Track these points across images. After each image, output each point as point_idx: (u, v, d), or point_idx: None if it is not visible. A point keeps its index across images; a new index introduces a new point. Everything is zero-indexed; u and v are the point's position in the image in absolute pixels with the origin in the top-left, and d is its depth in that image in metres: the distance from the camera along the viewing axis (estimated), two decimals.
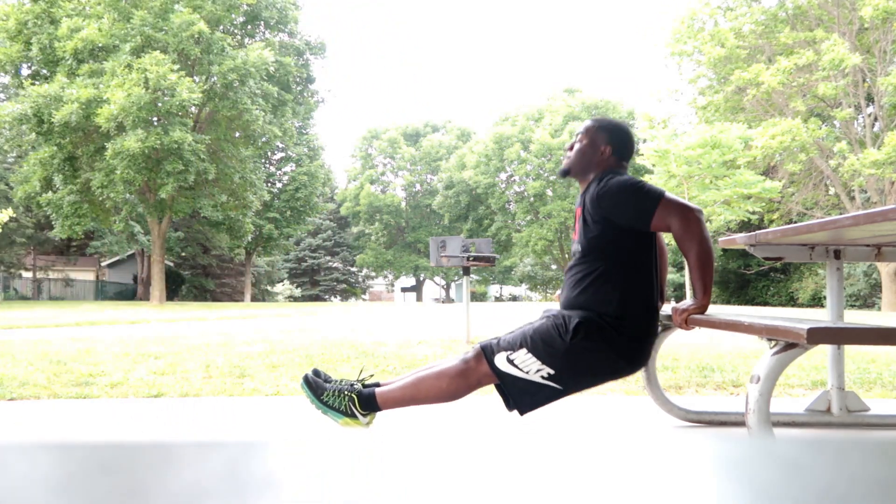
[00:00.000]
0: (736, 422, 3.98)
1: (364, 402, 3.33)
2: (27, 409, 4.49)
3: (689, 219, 3.12)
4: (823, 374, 5.54)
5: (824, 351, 4.24)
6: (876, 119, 34.11)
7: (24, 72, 34.96)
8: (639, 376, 5.06)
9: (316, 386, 3.41)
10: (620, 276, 3.25)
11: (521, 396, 3.22)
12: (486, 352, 3.25)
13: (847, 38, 32.55)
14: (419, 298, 67.42)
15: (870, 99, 33.91)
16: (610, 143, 3.44)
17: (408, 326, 11.98)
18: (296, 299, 63.36)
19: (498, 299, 68.00)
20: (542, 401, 3.24)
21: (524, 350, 3.19)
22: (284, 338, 9.10)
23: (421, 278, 68.45)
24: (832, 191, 35.91)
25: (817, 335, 2.42)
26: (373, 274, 71.78)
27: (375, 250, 64.25)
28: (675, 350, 7.20)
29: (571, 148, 3.50)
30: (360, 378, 3.45)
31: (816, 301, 40.74)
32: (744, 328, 2.79)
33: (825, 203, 35.98)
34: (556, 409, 4.21)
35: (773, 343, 2.62)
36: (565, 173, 3.52)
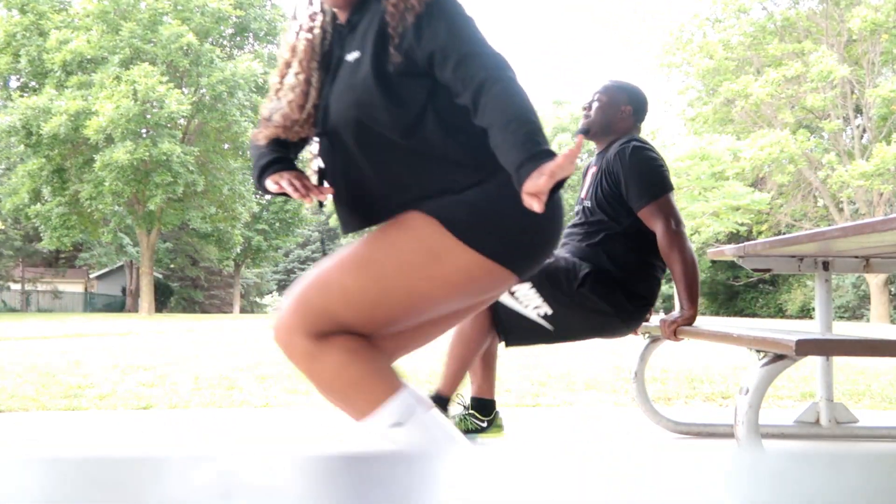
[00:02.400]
0: (725, 433, 3.98)
1: (482, 409, 3.47)
2: (15, 421, 4.46)
3: (676, 232, 3.20)
4: (812, 385, 5.55)
5: (813, 362, 4.24)
6: (864, 130, 34.33)
7: (13, 84, 34.92)
8: (628, 388, 5.07)
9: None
10: (630, 237, 3.33)
11: (512, 327, 3.27)
12: None
13: (835, 49, 32.74)
14: None
15: (858, 110, 34.11)
16: (630, 103, 3.52)
17: None
18: None
19: None
20: (531, 339, 3.30)
21: (528, 284, 3.21)
22: (273, 349, 9.07)
23: None
24: (821, 202, 36.07)
25: (806, 347, 2.43)
26: None
27: None
28: (664, 361, 7.20)
29: (589, 108, 3.55)
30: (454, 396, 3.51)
31: (805, 312, 40.81)
32: (732, 340, 2.79)
33: (814, 214, 36.13)
34: (546, 418, 4.21)
35: (762, 355, 2.62)
36: (586, 131, 3.56)
